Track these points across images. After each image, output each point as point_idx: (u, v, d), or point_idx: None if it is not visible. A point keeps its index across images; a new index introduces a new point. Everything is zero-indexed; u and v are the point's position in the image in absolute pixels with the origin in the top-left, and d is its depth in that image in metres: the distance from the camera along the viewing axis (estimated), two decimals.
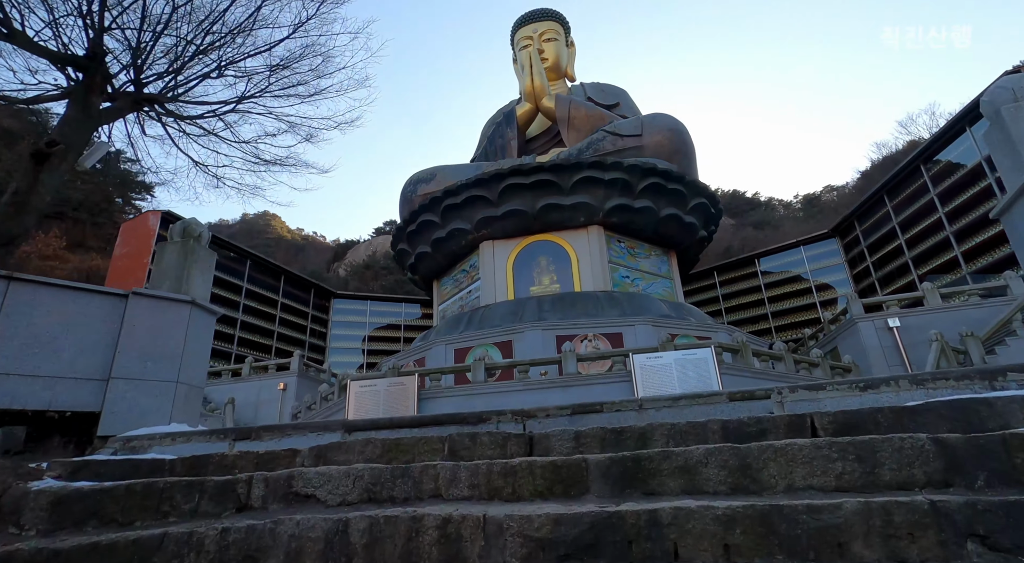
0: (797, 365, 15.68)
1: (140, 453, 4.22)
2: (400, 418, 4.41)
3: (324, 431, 4.40)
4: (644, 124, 25.06)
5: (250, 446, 4.32)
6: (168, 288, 5.16)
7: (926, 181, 26.86)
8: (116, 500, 3.23)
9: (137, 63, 9.12)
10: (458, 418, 4.39)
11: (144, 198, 50.34)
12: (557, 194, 21.69)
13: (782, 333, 34.22)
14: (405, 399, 14.04)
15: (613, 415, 4.27)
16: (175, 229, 5.71)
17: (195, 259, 5.31)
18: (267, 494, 3.28)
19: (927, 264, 27.51)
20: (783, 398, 4.00)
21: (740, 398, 4.09)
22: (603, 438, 3.75)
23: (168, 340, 4.84)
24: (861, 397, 3.77)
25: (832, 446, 2.85)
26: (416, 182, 26.85)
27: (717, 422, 3.61)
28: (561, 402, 13.79)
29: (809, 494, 2.76)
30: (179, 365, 4.81)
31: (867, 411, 3.34)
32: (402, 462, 3.88)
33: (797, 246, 35.84)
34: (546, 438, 3.83)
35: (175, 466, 3.80)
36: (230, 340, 32.38)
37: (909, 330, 18.14)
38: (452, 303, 25.19)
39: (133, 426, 4.43)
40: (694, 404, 4.18)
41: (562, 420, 4.33)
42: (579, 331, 18.34)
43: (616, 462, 3.17)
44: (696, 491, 2.99)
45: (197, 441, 4.29)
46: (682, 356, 13.47)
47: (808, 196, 73.91)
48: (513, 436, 3.87)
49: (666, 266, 24.54)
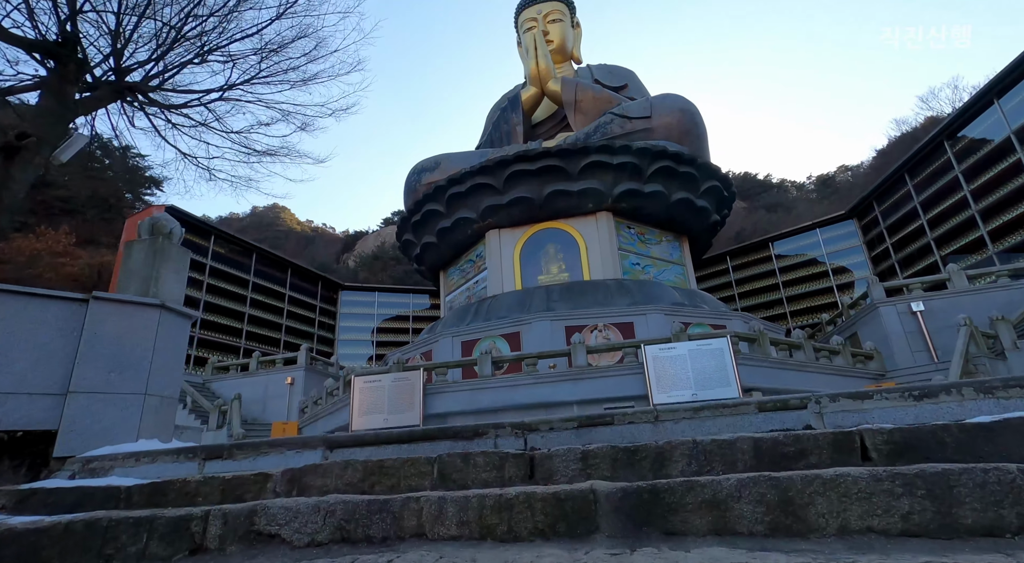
0: (817, 353, 15.06)
1: (100, 476, 3.82)
2: (387, 433, 3.95)
3: (303, 448, 3.96)
4: (653, 105, 24.22)
5: (221, 467, 3.90)
6: (135, 291, 4.72)
7: (950, 157, 25.74)
8: (53, 541, 2.81)
9: (117, 49, 8.63)
10: (451, 433, 3.92)
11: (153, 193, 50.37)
12: (564, 180, 21.06)
13: (797, 318, 33.42)
14: (411, 394, 13.68)
15: (625, 429, 3.77)
16: (143, 226, 5.25)
17: (165, 258, 4.85)
18: (225, 533, 2.84)
19: (950, 245, 26.51)
20: (822, 408, 3.47)
21: (771, 408, 3.57)
22: (614, 459, 3.26)
23: (135, 348, 4.40)
24: (916, 408, 3.23)
25: (896, 478, 2.33)
26: (420, 171, 26.30)
27: (748, 440, 3.10)
28: (571, 396, 13.40)
29: (869, 540, 2.25)
30: (147, 375, 4.38)
31: (929, 429, 2.80)
32: (386, 487, 3.42)
33: (813, 229, 34.83)
34: (549, 459, 3.34)
35: (132, 495, 3.39)
36: (238, 334, 32.33)
37: (934, 314, 17.39)
38: (459, 294, 24.78)
39: (95, 445, 4.03)
40: (718, 415, 3.66)
41: (567, 434, 3.84)
42: (589, 321, 17.83)
43: (630, 494, 2.68)
44: (727, 531, 2.49)
45: (164, 461, 3.87)
46: (696, 347, 12.91)
47: (822, 177, 72.16)
48: (512, 456, 3.39)
49: (678, 252, 23.87)
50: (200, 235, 32.15)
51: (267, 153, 11.39)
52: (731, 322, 18.41)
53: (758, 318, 21.81)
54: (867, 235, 32.54)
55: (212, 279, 31.65)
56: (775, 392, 13.34)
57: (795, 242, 35.32)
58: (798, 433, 3.05)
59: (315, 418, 18.35)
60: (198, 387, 22.44)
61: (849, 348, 15.92)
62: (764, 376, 13.20)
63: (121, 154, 47.93)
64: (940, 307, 17.42)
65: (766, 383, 13.07)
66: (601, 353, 14.75)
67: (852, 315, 20.39)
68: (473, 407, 13.43)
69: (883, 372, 16.37)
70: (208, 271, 31.54)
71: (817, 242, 34.43)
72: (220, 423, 18.86)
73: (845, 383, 14.83)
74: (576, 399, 12.98)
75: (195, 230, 31.99)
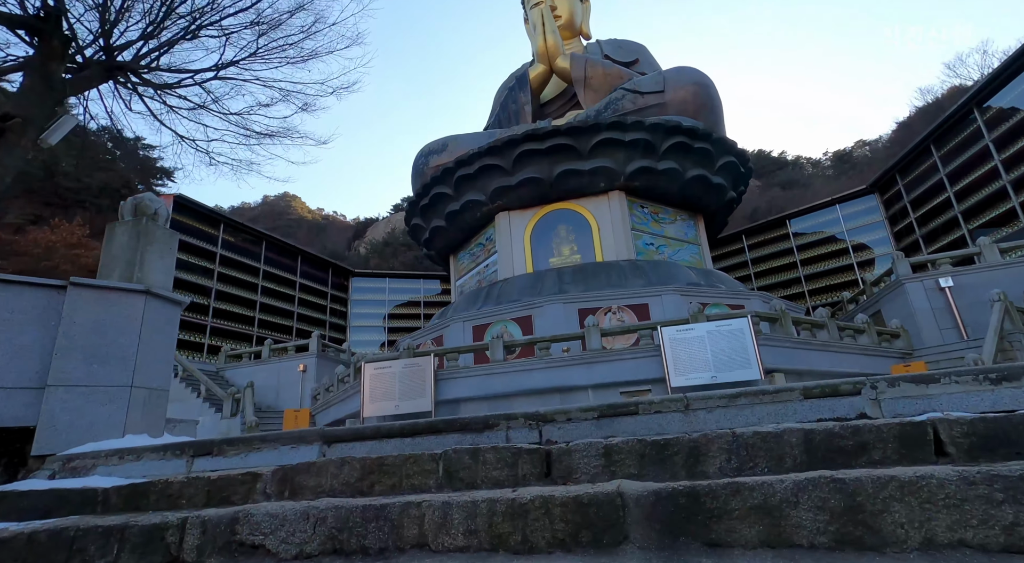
0: (841, 332, 14.50)
1: (81, 475, 3.55)
2: (389, 426, 3.61)
3: (299, 443, 3.63)
4: (666, 79, 23.34)
5: (210, 464, 3.60)
6: (118, 276, 4.40)
7: (980, 126, 24.54)
8: (15, 555, 2.52)
9: (105, 26, 8.25)
10: (458, 425, 3.56)
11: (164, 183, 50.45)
12: (575, 159, 20.43)
13: (816, 297, 32.62)
14: (421, 380, 13.44)
15: (651, 419, 3.38)
16: (125, 207, 4.90)
17: (150, 241, 4.52)
18: (204, 543, 2.52)
19: (978, 218, 25.45)
20: (878, 394, 3.04)
21: (819, 394, 3.15)
22: (642, 454, 2.88)
23: (118, 338, 4.10)
24: (994, 393, 2.79)
25: (994, 481, 1.91)
26: (428, 153, 25.79)
27: (797, 432, 2.69)
28: (585, 380, 13.03)
29: (963, 557, 1.85)
30: (134, 366, 4.07)
31: (1019, 418, 2.37)
32: (386, 487, 3.08)
33: (832, 204, 33.75)
34: (567, 454, 2.97)
35: (110, 498, 3.10)
36: (250, 322, 32.42)
37: (962, 290, 16.67)
38: (470, 278, 24.43)
39: (77, 441, 3.76)
40: (757, 403, 3.25)
41: (587, 425, 3.46)
42: (602, 303, 17.39)
43: (664, 498, 2.30)
44: (782, 542, 2.11)
45: (149, 459, 3.58)
46: (715, 327, 12.45)
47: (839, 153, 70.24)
48: (525, 452, 3.02)
49: (693, 231, 23.21)
50: (210, 224, 32.10)
51: (267, 135, 11.02)
52: (750, 302, 17.85)
53: (778, 297, 21.21)
54: (889, 210, 31.44)
55: (223, 267, 31.65)
56: (798, 374, 12.86)
57: (813, 219, 34.29)
58: (856, 424, 2.63)
59: (327, 405, 18.27)
60: (212, 375, 22.52)
61: (874, 327, 15.32)
62: (786, 357, 12.72)
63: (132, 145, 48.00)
64: (970, 282, 16.69)
65: (788, 364, 12.59)
66: (616, 336, 14.34)
67: (875, 292, 19.69)
68: (485, 393, 13.16)
69: (910, 351, 15.77)
70: (219, 260, 31.54)
71: (836, 218, 33.38)
72: (234, 411, 18.89)
73: (871, 363, 14.29)
74: (591, 383, 12.63)
75: (205, 219, 31.93)
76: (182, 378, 20.82)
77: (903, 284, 17.50)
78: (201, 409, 19.71)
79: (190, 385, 20.43)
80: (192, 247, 30.44)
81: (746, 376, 11.71)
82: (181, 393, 20.32)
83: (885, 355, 14.90)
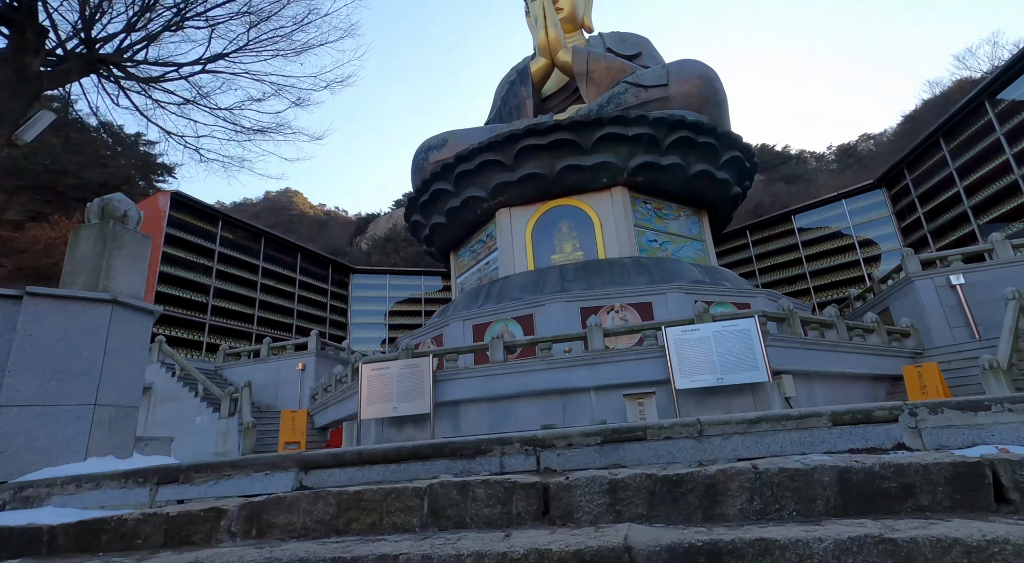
0: (850, 332, 14.14)
1: (34, 505, 3.24)
2: (372, 451, 3.28)
3: (273, 470, 3.31)
4: (670, 72, 22.86)
5: (176, 492, 3.28)
6: (82, 285, 4.06)
7: (991, 119, 24.02)
8: None
9: (85, 16, 7.89)
10: (448, 450, 3.23)
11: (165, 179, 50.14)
12: (577, 154, 20.04)
13: (822, 293, 32.23)
14: (420, 382, 13.15)
15: (660, 445, 3.04)
16: (91, 209, 4.52)
17: (118, 246, 4.16)
18: None
19: (988, 213, 24.99)
20: (918, 422, 2.69)
21: (850, 421, 2.81)
22: (651, 491, 2.54)
23: (81, 352, 3.76)
24: None
25: None
26: (427, 149, 25.40)
27: (829, 470, 2.35)
28: (587, 381, 12.68)
29: None
30: (98, 382, 3.74)
31: None
32: (365, 525, 2.76)
33: (838, 199, 33.28)
34: (567, 491, 2.64)
35: (56, 537, 2.78)
36: (249, 320, 32.19)
37: (974, 287, 16.28)
38: (470, 275, 24.10)
39: (33, 466, 3.45)
40: (780, 429, 2.91)
41: (589, 452, 3.12)
42: (605, 301, 17.05)
43: (680, 555, 1.96)
44: None
45: (110, 487, 3.27)
46: (721, 328, 12.11)
47: (843, 147, 69.59)
48: (520, 487, 2.69)
49: (697, 227, 22.81)
50: (208, 221, 31.81)
51: (258, 130, 10.66)
52: (755, 300, 17.49)
53: (784, 295, 20.83)
54: (897, 205, 30.96)
55: (221, 265, 31.39)
56: (806, 375, 12.51)
57: (818, 214, 33.84)
58: (899, 461, 2.29)
59: (325, 406, 18.02)
60: (210, 374, 22.27)
61: (883, 326, 14.94)
62: (794, 358, 12.37)
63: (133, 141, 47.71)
64: (981, 279, 16.29)
65: (796, 365, 12.25)
66: (619, 336, 14.00)
67: (883, 289, 19.29)
68: (485, 394, 12.86)
69: (920, 350, 15.40)
70: (217, 257, 31.27)
71: (842, 213, 32.92)
72: (232, 410, 18.65)
73: (881, 363, 13.94)
74: (593, 385, 12.32)
75: (203, 216, 31.63)
76: (179, 377, 20.59)
77: (913, 281, 17.10)
78: (199, 408, 19.48)
79: (187, 384, 20.19)
80: (190, 244, 30.17)
81: (753, 379, 11.38)
82: (178, 392, 20.08)
83: (896, 355, 14.53)
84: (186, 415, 19.36)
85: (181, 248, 29.68)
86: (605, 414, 11.82)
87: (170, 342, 25.44)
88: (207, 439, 18.39)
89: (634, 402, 11.47)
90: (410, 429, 13.18)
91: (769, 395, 11.24)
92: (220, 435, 18.27)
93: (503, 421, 12.60)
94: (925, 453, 2.47)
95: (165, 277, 28.27)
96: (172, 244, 29.13)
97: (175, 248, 29.27)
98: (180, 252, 29.53)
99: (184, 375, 20.78)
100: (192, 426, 19.04)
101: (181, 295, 28.89)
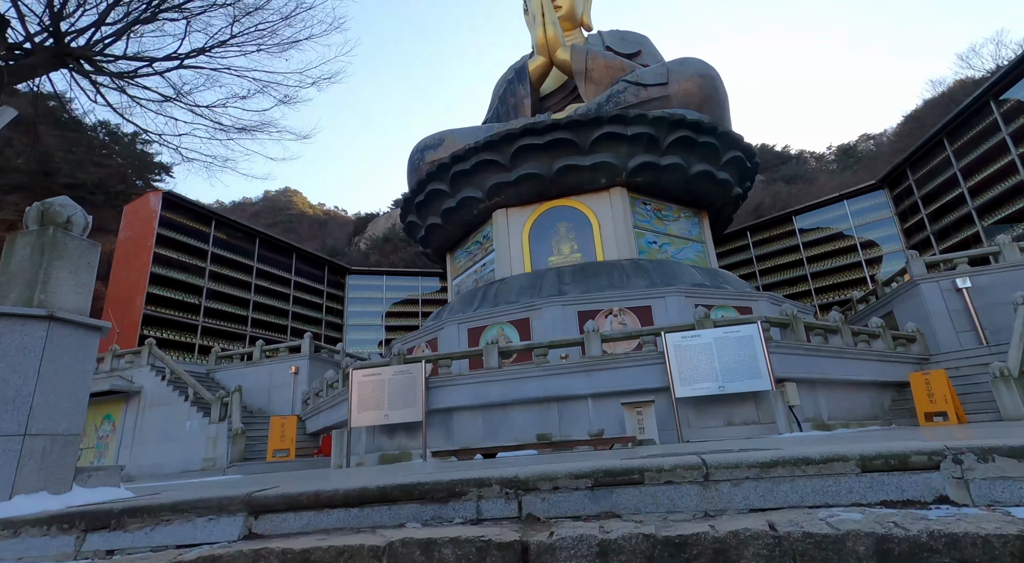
0: (855, 337, 13.73)
1: None
2: (330, 493, 2.88)
3: (219, 514, 2.91)
4: (670, 71, 22.47)
5: (105, 541, 2.87)
6: (15, 299, 3.61)
7: (997, 119, 23.61)
8: None
9: (53, 7, 7.46)
10: (417, 493, 2.82)
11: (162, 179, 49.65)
12: (575, 154, 19.63)
13: (823, 295, 31.84)
14: (412, 388, 12.75)
15: (660, 490, 2.64)
16: (29, 215, 4.04)
17: (59, 255, 3.70)
18: None
19: (993, 214, 24.59)
20: (964, 470, 2.29)
21: (882, 467, 2.41)
22: (649, 556, 2.14)
23: (9, 375, 3.32)
24: None
25: None
26: (423, 148, 24.99)
27: (864, 538, 1.95)
28: (584, 388, 12.22)
29: None
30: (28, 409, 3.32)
31: None
32: None
33: (840, 200, 32.87)
34: (550, 553, 2.23)
35: None
36: (243, 321, 31.75)
37: (981, 291, 15.88)
38: (466, 277, 23.69)
39: None
40: (800, 474, 2.51)
41: (578, 496, 2.72)
42: (603, 305, 16.64)
43: None
44: None
45: (29, 535, 2.87)
46: (723, 334, 11.71)
47: (843, 147, 69.34)
48: (496, 547, 2.29)
49: (697, 229, 22.41)
50: (201, 221, 31.38)
51: (242, 129, 10.25)
52: (757, 304, 17.08)
53: (786, 298, 20.44)
54: (899, 206, 30.55)
55: (215, 266, 30.96)
56: (810, 382, 12.09)
57: (820, 215, 33.43)
58: (952, 531, 1.89)
59: (317, 411, 17.62)
60: (201, 377, 21.85)
61: (889, 331, 14.55)
62: (798, 364, 11.96)
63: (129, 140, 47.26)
64: (988, 283, 15.90)
65: (800, 373, 11.84)
66: (617, 341, 13.60)
67: (887, 292, 18.91)
68: (480, 401, 12.45)
69: (926, 356, 15.03)
70: (210, 258, 30.83)
71: (844, 214, 32.51)
72: (222, 415, 18.25)
73: (887, 370, 13.55)
74: (590, 392, 11.92)
75: (196, 216, 31.21)
76: (169, 381, 20.17)
77: (918, 284, 16.71)
78: (189, 413, 19.06)
79: (177, 388, 19.77)
80: (182, 245, 29.74)
81: (756, 387, 10.98)
82: (168, 396, 19.66)
83: (902, 361, 14.15)
84: (176, 420, 18.94)
85: (173, 249, 29.25)
86: (603, 423, 11.43)
87: (161, 344, 25.03)
88: (196, 445, 17.98)
89: (632, 411, 11.06)
90: (402, 437, 12.78)
91: (772, 404, 10.85)
92: (209, 441, 17.86)
93: (497, 429, 12.21)
94: (978, 514, 2.06)
95: (156, 278, 27.85)
96: (164, 245, 28.71)
97: (167, 249, 28.84)
98: (172, 253, 29.10)
99: (174, 379, 20.37)
100: (182, 431, 18.64)
101: (173, 297, 28.45)
